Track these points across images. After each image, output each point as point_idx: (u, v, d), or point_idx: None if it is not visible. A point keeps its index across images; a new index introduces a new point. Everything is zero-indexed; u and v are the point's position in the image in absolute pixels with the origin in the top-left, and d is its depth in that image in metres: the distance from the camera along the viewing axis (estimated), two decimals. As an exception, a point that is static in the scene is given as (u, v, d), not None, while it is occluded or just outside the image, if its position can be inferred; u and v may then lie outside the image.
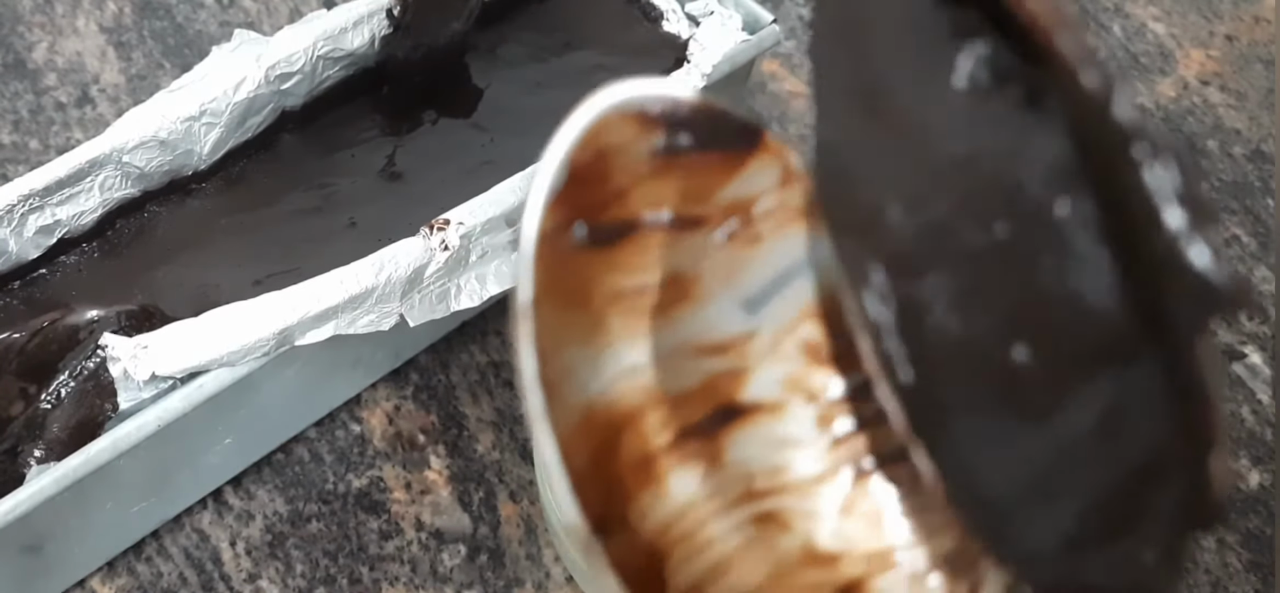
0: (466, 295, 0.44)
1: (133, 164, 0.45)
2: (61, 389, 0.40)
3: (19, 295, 0.44)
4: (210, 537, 0.44)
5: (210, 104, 0.46)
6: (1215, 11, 0.64)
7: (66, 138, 0.54)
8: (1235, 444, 0.48)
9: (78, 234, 0.45)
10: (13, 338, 0.42)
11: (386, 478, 0.46)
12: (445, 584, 0.43)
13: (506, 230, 0.44)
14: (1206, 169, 0.57)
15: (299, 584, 0.43)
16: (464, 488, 0.46)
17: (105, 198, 0.45)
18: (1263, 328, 0.52)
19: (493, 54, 0.53)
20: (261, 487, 0.45)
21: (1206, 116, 0.59)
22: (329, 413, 0.47)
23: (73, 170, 0.44)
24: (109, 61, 0.57)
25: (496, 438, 0.47)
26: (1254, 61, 0.62)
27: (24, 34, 0.58)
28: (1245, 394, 0.50)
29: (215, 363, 0.40)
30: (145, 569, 0.43)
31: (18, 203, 0.43)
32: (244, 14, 0.59)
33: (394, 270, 0.42)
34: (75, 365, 0.40)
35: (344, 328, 0.41)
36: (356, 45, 0.49)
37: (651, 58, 0.53)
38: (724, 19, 0.51)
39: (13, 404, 0.41)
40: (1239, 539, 0.46)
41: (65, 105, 0.55)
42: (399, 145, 0.50)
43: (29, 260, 0.44)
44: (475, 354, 0.49)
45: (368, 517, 0.45)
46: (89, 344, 0.40)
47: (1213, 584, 0.45)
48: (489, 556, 0.44)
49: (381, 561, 0.44)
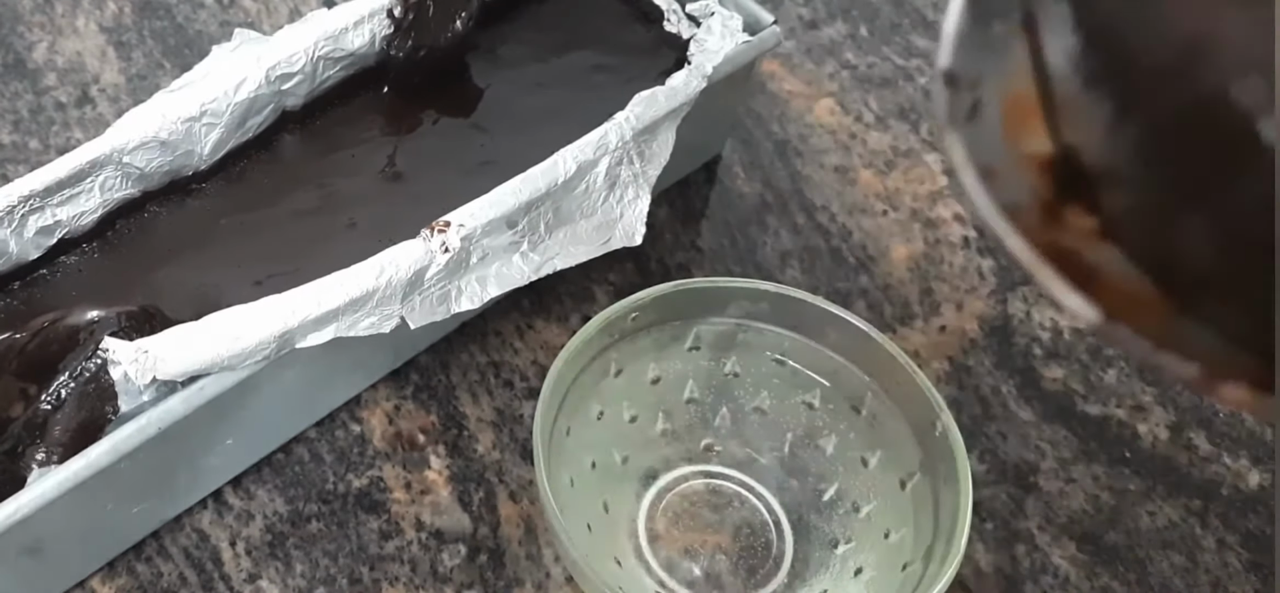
0: (467, 297, 0.44)
1: (133, 164, 0.45)
2: (62, 390, 0.40)
3: (19, 296, 0.44)
4: (210, 537, 0.44)
5: (210, 104, 0.46)
6: (1215, 10, 0.64)
7: (67, 138, 0.54)
8: (1235, 444, 0.48)
9: (78, 234, 0.45)
10: (13, 339, 0.42)
11: (386, 478, 0.46)
12: (445, 584, 0.43)
13: (507, 232, 0.44)
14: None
15: (299, 584, 0.43)
16: (464, 488, 0.46)
17: (105, 198, 0.45)
18: (1262, 328, 0.52)
19: (493, 54, 0.53)
20: (262, 487, 0.45)
21: (1206, 116, 0.59)
22: (329, 413, 0.47)
23: (73, 171, 0.44)
24: (109, 61, 0.57)
25: (496, 438, 0.47)
26: (1254, 61, 0.62)
27: (24, 34, 0.58)
28: (1245, 394, 0.50)
29: (216, 367, 0.40)
30: (145, 570, 0.43)
31: (18, 203, 0.43)
32: (244, 14, 0.59)
33: (394, 273, 0.42)
34: (76, 367, 0.40)
35: (345, 331, 0.41)
36: (357, 45, 0.49)
37: (652, 58, 0.53)
38: (724, 20, 0.51)
39: (13, 405, 0.41)
40: (1239, 539, 0.46)
41: (65, 105, 0.55)
42: (399, 145, 0.50)
43: (29, 261, 0.44)
44: (475, 354, 0.49)
45: (368, 517, 0.45)
46: (89, 345, 0.40)
47: (1213, 584, 0.45)
48: (489, 556, 0.44)
49: (381, 561, 0.44)
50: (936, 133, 0.57)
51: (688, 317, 0.45)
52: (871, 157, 0.57)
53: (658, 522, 0.44)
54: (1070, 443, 0.48)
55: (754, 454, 0.46)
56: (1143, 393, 0.50)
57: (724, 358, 0.46)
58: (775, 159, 0.56)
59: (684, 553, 0.44)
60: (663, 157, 0.47)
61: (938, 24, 0.63)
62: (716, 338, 0.46)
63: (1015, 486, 0.47)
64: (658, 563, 0.43)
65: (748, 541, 0.44)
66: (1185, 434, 0.49)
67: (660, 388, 0.46)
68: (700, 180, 0.55)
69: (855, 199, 0.55)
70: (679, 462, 0.46)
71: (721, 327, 0.46)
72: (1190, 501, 0.47)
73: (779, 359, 0.46)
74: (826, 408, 0.45)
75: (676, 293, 0.45)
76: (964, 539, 0.39)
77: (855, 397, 0.45)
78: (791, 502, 0.45)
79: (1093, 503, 0.46)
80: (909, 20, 0.62)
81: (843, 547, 0.43)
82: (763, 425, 0.46)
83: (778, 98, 0.58)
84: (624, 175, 0.46)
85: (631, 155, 0.46)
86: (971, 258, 0.53)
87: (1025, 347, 0.51)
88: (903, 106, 0.59)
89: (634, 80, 0.50)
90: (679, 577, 0.43)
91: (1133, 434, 0.48)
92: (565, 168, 0.45)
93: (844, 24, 0.62)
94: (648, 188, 0.47)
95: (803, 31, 0.61)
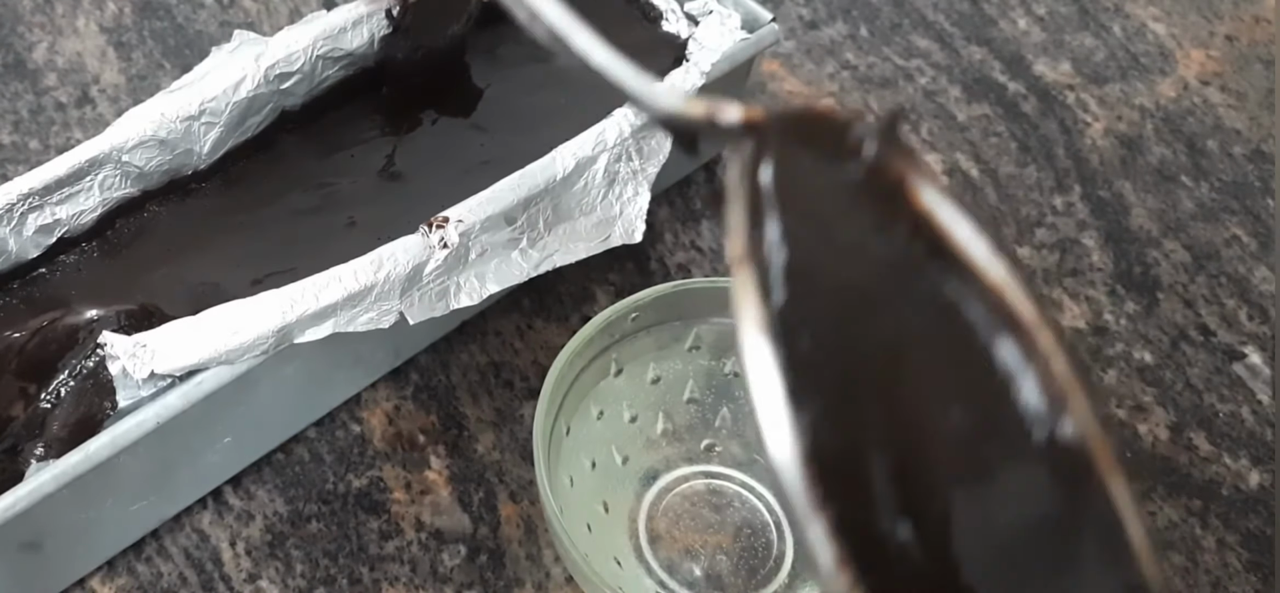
0: (466, 294, 0.44)
1: (132, 164, 0.45)
2: (61, 388, 0.40)
3: (19, 295, 0.44)
4: (210, 537, 0.44)
5: (210, 104, 0.46)
6: (1215, 12, 0.64)
7: (66, 137, 0.54)
8: (1235, 444, 0.48)
9: (77, 233, 0.45)
10: (13, 338, 0.42)
11: (386, 478, 0.46)
12: (445, 584, 0.43)
13: (506, 228, 0.44)
14: (1207, 169, 0.57)
15: (299, 584, 0.43)
16: (464, 488, 0.45)
17: (105, 197, 0.45)
18: (1263, 328, 0.52)
19: (492, 54, 0.53)
20: (261, 487, 0.45)
21: (1206, 117, 0.59)
22: (329, 413, 0.47)
23: (72, 170, 0.44)
24: (109, 61, 0.57)
25: (496, 438, 0.47)
26: (1254, 62, 0.62)
27: (24, 34, 0.58)
28: (1245, 394, 0.50)
29: (214, 361, 0.40)
30: (145, 569, 0.43)
31: (18, 202, 0.43)
32: (244, 14, 0.59)
33: (393, 268, 0.42)
34: (75, 364, 0.40)
35: (343, 326, 0.41)
36: (356, 45, 0.49)
37: (650, 57, 0.53)
38: (723, 18, 0.51)
39: (13, 404, 0.41)
40: (1239, 539, 0.46)
41: (65, 105, 0.55)
42: (399, 145, 0.50)
43: (29, 260, 0.44)
44: (475, 354, 0.49)
45: (368, 517, 0.45)
46: (89, 343, 0.40)
47: (1213, 584, 0.45)
48: (489, 556, 0.44)
49: (381, 561, 0.44)
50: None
51: (688, 317, 0.45)
52: (871, 157, 0.57)
53: (658, 522, 0.44)
54: (1071, 443, 0.48)
55: (755, 454, 0.46)
56: (1143, 393, 0.49)
57: (724, 358, 0.46)
58: (775, 160, 0.56)
59: (684, 553, 0.44)
60: (662, 153, 0.47)
61: (938, 24, 0.63)
62: (716, 338, 0.46)
63: (1016, 485, 0.47)
64: (658, 563, 0.43)
65: (748, 541, 0.44)
66: (1185, 434, 0.48)
67: (660, 388, 0.46)
68: (700, 180, 0.55)
69: (855, 199, 0.55)
70: (679, 462, 0.45)
71: (721, 327, 0.46)
72: (1190, 501, 0.47)
73: (779, 358, 0.45)
74: (826, 407, 0.45)
75: (676, 293, 0.45)
76: (964, 538, 0.39)
77: (855, 396, 0.45)
78: (791, 501, 0.45)
79: (1093, 503, 0.46)
80: (909, 20, 0.62)
81: (843, 546, 0.43)
82: (763, 425, 0.46)
83: (778, 98, 0.58)
84: (623, 172, 0.46)
85: (630, 152, 0.46)
86: (972, 258, 0.53)
87: (1025, 347, 0.51)
88: (903, 107, 0.59)
89: (634, 80, 0.50)
90: (679, 577, 0.43)
91: (1133, 434, 0.48)
92: (564, 164, 0.45)
93: (844, 24, 0.62)
94: (647, 185, 0.47)
95: (803, 32, 0.61)
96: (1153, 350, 0.51)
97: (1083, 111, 0.59)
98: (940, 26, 0.62)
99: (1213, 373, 0.50)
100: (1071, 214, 0.55)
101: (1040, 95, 0.60)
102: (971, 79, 0.60)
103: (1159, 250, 0.54)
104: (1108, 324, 0.52)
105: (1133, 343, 0.51)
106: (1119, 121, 0.59)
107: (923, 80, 0.60)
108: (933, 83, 0.60)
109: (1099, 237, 0.55)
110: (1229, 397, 0.50)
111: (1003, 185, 0.56)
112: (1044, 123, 0.59)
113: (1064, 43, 0.62)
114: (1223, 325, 0.52)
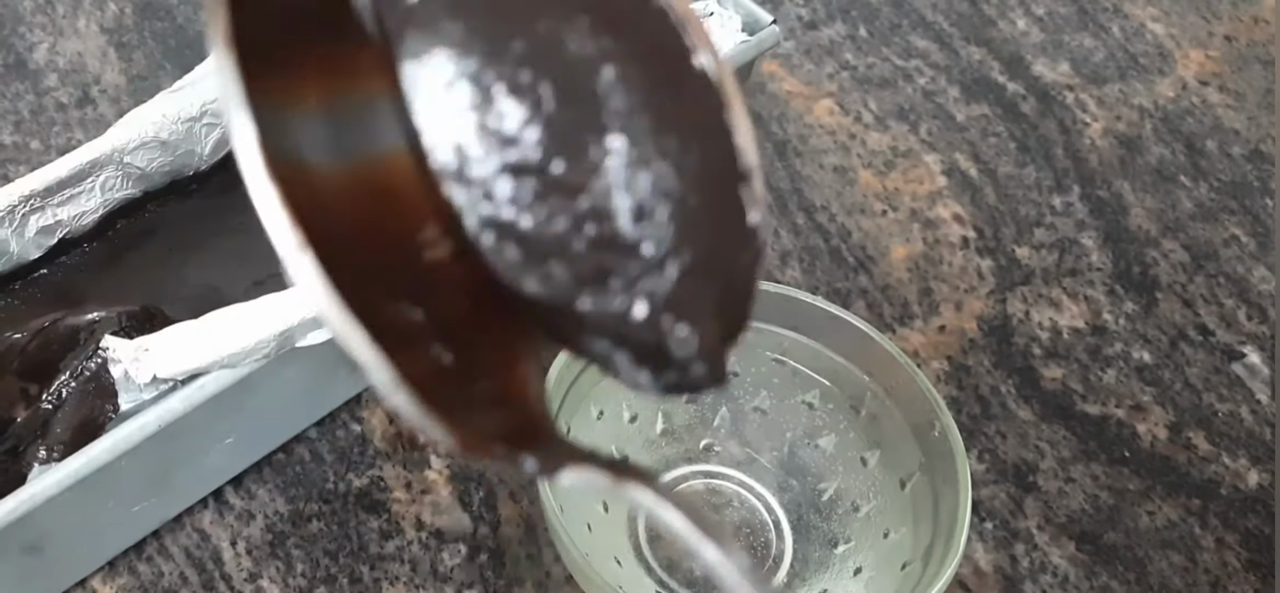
0: (466, 296, 0.44)
1: (134, 165, 0.46)
2: (63, 390, 0.40)
3: (20, 296, 0.44)
4: (211, 536, 0.44)
5: (211, 105, 0.47)
6: (1214, 12, 0.64)
7: (67, 138, 0.54)
8: (1234, 444, 0.48)
9: (79, 235, 0.45)
10: (14, 339, 0.42)
11: (387, 478, 0.46)
12: (445, 584, 0.43)
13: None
14: (1206, 169, 0.57)
15: (299, 584, 0.43)
16: (464, 488, 0.46)
17: (106, 198, 0.45)
18: (1261, 328, 0.52)
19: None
20: (262, 486, 0.45)
21: (1206, 117, 0.60)
22: (330, 412, 0.47)
23: (74, 171, 0.44)
24: (110, 62, 0.57)
25: (496, 438, 0.47)
26: (1253, 62, 0.62)
27: (25, 35, 0.58)
28: (1244, 394, 0.50)
29: (216, 365, 0.40)
30: (146, 569, 0.43)
31: (19, 203, 0.43)
32: (244, 15, 0.59)
33: (394, 271, 0.42)
34: (76, 366, 0.40)
35: (344, 328, 0.41)
36: (357, 46, 0.50)
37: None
38: (723, 20, 0.51)
39: (15, 405, 0.41)
40: (1238, 539, 0.46)
41: (66, 106, 0.55)
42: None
43: (30, 261, 0.45)
44: (475, 354, 0.49)
45: (368, 517, 0.45)
46: (90, 344, 0.40)
47: (1212, 584, 0.45)
48: (489, 555, 0.44)
49: (382, 560, 0.44)
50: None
51: (687, 316, 0.46)
52: (871, 157, 0.57)
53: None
54: (1069, 443, 0.48)
55: (753, 454, 0.46)
56: (1142, 393, 0.50)
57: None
58: (775, 159, 0.56)
59: (684, 553, 0.44)
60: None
61: (937, 24, 0.63)
62: (716, 338, 0.46)
63: (1014, 485, 0.47)
64: (658, 563, 0.43)
65: (747, 540, 0.44)
66: (1184, 434, 0.49)
67: (660, 388, 0.46)
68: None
69: (854, 199, 0.55)
70: (679, 462, 0.46)
71: (721, 326, 0.46)
72: (1189, 500, 0.47)
73: (778, 359, 0.46)
74: (826, 408, 0.45)
75: (676, 293, 0.45)
76: (963, 539, 0.39)
77: (855, 397, 0.45)
78: (791, 502, 0.45)
79: (1092, 503, 0.46)
80: (909, 21, 0.63)
81: (842, 547, 0.43)
82: (762, 425, 0.46)
83: (777, 98, 0.59)
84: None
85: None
86: (970, 258, 0.54)
87: (1024, 346, 0.51)
88: (902, 107, 0.59)
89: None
90: (679, 577, 0.43)
91: (1132, 434, 0.48)
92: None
93: (843, 24, 0.62)
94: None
95: (802, 32, 0.61)
96: (1152, 350, 0.51)
97: (1082, 112, 0.59)
98: (939, 27, 0.63)
99: (1211, 373, 0.50)
100: (1070, 214, 0.55)
101: (1039, 95, 0.60)
102: (970, 79, 0.60)
103: (1158, 250, 0.54)
104: (1106, 324, 0.52)
105: (1131, 343, 0.51)
106: (1118, 122, 0.59)
107: (922, 80, 0.60)
108: (932, 83, 0.60)
109: (1098, 236, 0.55)
110: (1228, 396, 0.50)
111: (1002, 185, 0.56)
112: (1043, 123, 0.59)
113: (1063, 43, 0.62)
114: (1221, 325, 0.52)
